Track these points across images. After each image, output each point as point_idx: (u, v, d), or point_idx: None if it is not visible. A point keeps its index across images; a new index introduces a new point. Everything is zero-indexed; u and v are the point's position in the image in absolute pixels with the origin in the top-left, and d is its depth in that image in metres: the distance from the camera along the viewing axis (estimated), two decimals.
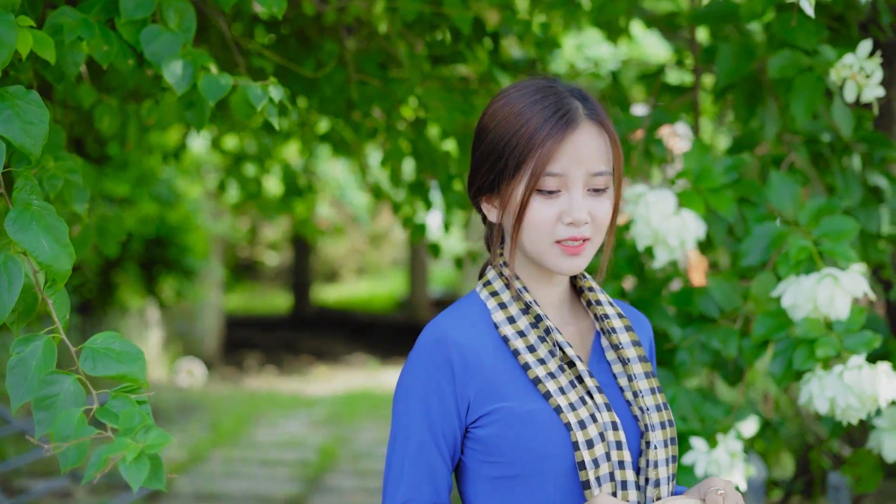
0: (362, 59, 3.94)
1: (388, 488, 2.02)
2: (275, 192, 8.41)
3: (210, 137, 6.74)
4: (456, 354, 1.98)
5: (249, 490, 8.41)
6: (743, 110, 3.46)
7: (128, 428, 1.58)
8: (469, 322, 2.03)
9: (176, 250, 11.72)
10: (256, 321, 21.79)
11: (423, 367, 1.99)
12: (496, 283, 2.08)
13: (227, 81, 2.36)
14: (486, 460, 1.99)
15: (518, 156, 1.98)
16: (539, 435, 1.95)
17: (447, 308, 2.09)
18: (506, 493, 1.99)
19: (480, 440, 1.99)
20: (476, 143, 2.07)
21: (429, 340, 2.00)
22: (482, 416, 1.98)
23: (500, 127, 2.01)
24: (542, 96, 2.01)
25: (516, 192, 1.99)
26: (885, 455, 3.25)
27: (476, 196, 2.09)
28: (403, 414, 2.01)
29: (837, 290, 2.77)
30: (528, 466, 1.96)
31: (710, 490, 1.96)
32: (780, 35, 3.19)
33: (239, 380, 14.59)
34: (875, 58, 3.10)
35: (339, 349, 17.76)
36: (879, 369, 2.71)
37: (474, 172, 2.08)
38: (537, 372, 1.99)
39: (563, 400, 1.97)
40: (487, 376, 1.99)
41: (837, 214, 3.02)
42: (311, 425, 11.29)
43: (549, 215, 1.98)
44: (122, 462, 1.52)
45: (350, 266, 28.75)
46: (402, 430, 2.01)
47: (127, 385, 1.71)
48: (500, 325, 2.03)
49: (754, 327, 2.92)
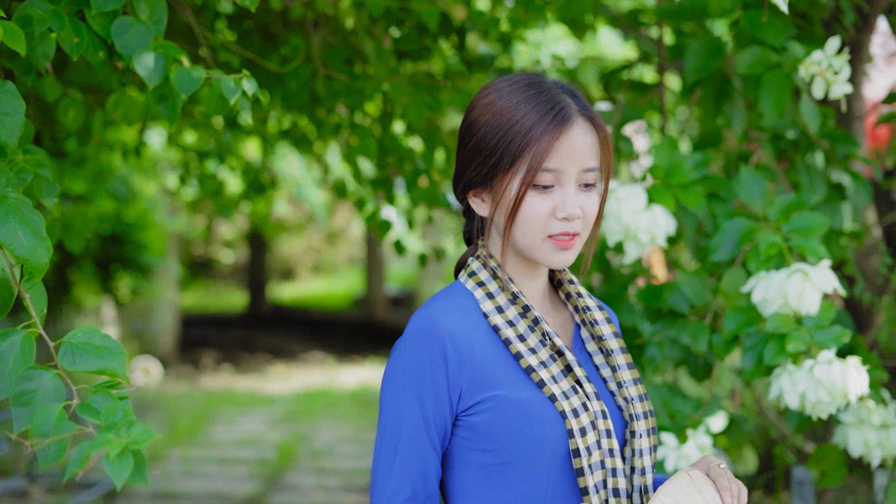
0: (328, 55, 3.91)
1: (379, 481, 2.00)
2: (234, 190, 8.36)
3: (167, 134, 6.69)
4: (449, 342, 1.97)
5: (208, 489, 8.35)
6: (710, 107, 3.47)
7: (110, 424, 1.55)
8: (459, 311, 2.02)
9: (132, 248, 11.60)
10: (212, 319, 21.67)
11: (416, 356, 1.98)
12: (482, 273, 2.07)
13: (200, 74, 2.33)
14: (478, 448, 1.99)
15: (514, 150, 1.98)
16: (534, 422, 1.97)
17: (433, 297, 2.08)
18: (496, 481, 1.99)
19: (473, 427, 1.99)
20: (466, 136, 2.06)
21: (421, 329, 1.99)
22: (476, 404, 1.98)
23: (495, 121, 2.00)
24: (535, 91, 2.02)
25: (511, 186, 1.99)
26: (851, 450, 3.27)
27: (465, 189, 2.08)
28: (395, 405, 1.99)
29: (807, 286, 2.78)
30: (522, 454, 1.97)
31: (712, 465, 2.03)
32: (749, 32, 3.20)
33: (195, 378, 14.49)
34: (843, 55, 3.12)
35: (295, 347, 17.68)
36: (849, 364, 2.73)
37: (464, 165, 2.07)
38: (530, 361, 2.00)
39: (557, 389, 1.98)
40: (480, 364, 1.98)
41: (806, 210, 3.04)
42: (270, 423, 11.24)
43: (543, 210, 2.00)
44: (106, 458, 1.50)
45: (306, 264, 28.65)
46: (393, 422, 1.99)
47: (107, 380, 1.68)
48: (490, 315, 2.03)
49: (724, 322, 2.93)
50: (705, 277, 3.13)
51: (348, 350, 17.23)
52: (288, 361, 16.19)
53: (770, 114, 3.12)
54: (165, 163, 11.58)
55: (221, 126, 5.62)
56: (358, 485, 8.49)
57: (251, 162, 6.78)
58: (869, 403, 3.22)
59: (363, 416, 11.61)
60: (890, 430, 3.27)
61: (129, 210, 11.28)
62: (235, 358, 16.45)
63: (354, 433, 10.71)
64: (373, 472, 2.02)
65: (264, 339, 18.74)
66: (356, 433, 10.71)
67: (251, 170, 6.62)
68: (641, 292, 3.25)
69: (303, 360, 16.38)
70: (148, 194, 11.73)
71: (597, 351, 2.15)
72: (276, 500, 8.08)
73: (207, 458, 9.44)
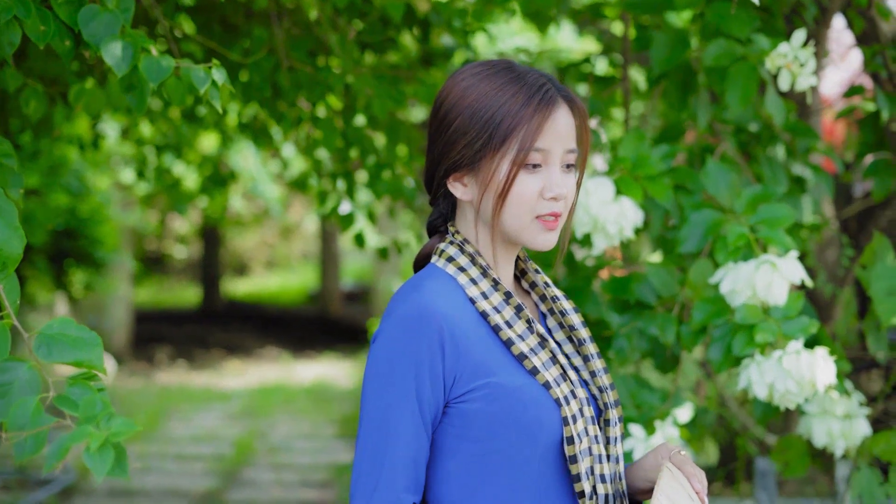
0: (292, 46, 3.88)
1: (379, 475, 1.90)
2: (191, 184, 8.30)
3: (122, 128, 6.62)
4: (445, 326, 1.92)
5: (165, 485, 8.30)
6: (676, 99, 3.49)
7: (89, 416, 1.53)
8: (446, 295, 1.97)
9: (86, 242, 11.49)
10: (166, 315, 21.50)
11: (412, 340, 1.92)
12: (460, 258, 2.03)
13: (169, 63, 2.30)
14: (467, 436, 1.95)
15: (504, 130, 1.96)
16: (529, 410, 1.94)
17: (415, 280, 2.02)
18: (483, 471, 1.95)
19: (465, 415, 1.94)
20: (445, 120, 2.02)
21: (415, 312, 1.93)
22: (469, 391, 1.94)
23: (480, 102, 1.98)
24: (517, 74, 2.01)
25: (501, 166, 1.97)
26: (815, 440, 3.30)
27: (445, 175, 2.04)
28: (387, 392, 1.92)
29: (775, 277, 2.80)
30: (514, 442, 1.94)
31: (673, 452, 2.05)
32: (715, 24, 3.21)
33: (150, 374, 14.39)
34: (808, 47, 3.14)
35: (250, 343, 17.59)
36: (817, 354, 2.74)
37: (445, 150, 2.02)
38: (521, 348, 1.97)
39: (549, 376, 1.97)
40: (474, 350, 1.95)
41: (773, 202, 3.05)
42: (226, 419, 11.18)
43: (532, 190, 1.99)
44: (87, 451, 1.47)
45: (260, 259, 28.53)
46: (386, 410, 1.91)
47: (84, 372, 1.65)
48: (477, 300, 1.99)
49: (693, 314, 2.94)
50: (672, 269, 3.14)
51: (303, 345, 17.17)
52: (243, 357, 16.11)
53: (736, 106, 3.13)
54: (119, 157, 11.48)
55: (178, 119, 5.57)
56: (316, 480, 8.47)
57: (208, 156, 6.72)
58: (833, 394, 3.25)
59: (320, 411, 11.58)
60: (853, 420, 3.30)
61: (83, 204, 11.18)
62: (190, 353, 16.34)
63: (311, 428, 10.68)
64: (363, 464, 1.92)
65: (219, 334, 18.62)
66: (313, 428, 10.68)
67: (209, 164, 6.57)
68: (608, 284, 3.25)
69: (258, 355, 16.30)
70: (101, 189, 11.62)
71: (565, 340, 2.14)
72: (234, 496, 8.04)
73: (164, 455, 9.37)
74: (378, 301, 16.07)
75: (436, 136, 2.05)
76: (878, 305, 3.22)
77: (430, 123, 2.08)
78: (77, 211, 11.13)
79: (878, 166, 4.09)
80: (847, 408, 3.28)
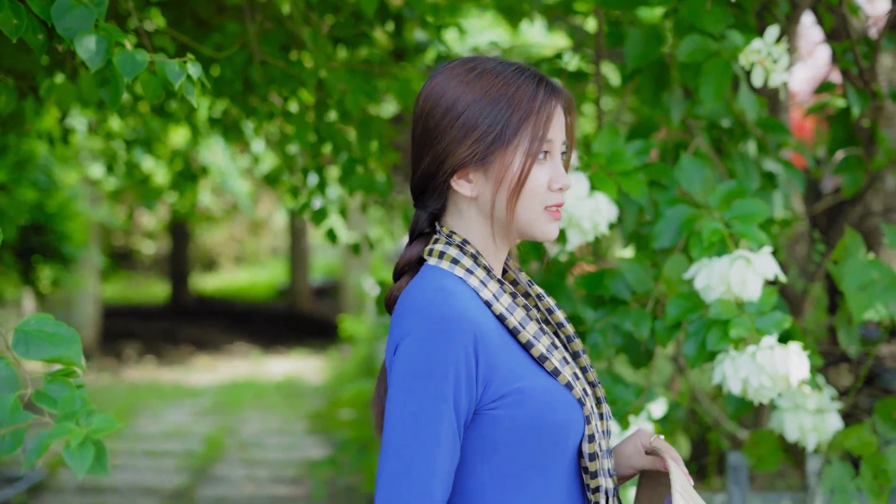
0: (265, 41, 3.87)
1: (416, 483, 1.83)
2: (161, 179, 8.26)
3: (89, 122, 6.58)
4: (477, 331, 1.87)
5: (136, 482, 8.26)
6: (649, 95, 3.50)
7: (68, 413, 1.51)
8: (468, 299, 1.93)
9: (54, 238, 11.40)
10: (134, 311, 21.39)
11: (449, 343, 1.85)
12: (464, 260, 1.98)
13: (144, 58, 2.28)
14: (498, 442, 1.90)
15: (515, 122, 1.94)
16: (558, 411, 1.93)
17: (430, 282, 1.95)
18: (514, 475, 1.93)
19: (494, 421, 1.90)
20: (447, 116, 1.97)
21: (449, 314, 1.87)
22: (501, 398, 1.90)
23: (487, 96, 1.95)
24: (515, 68, 2.00)
25: (515, 159, 1.95)
26: (787, 435, 3.32)
27: (452, 172, 1.98)
28: (423, 394, 1.85)
29: (749, 272, 2.81)
30: (546, 444, 1.93)
31: (653, 438, 2.12)
32: (688, 20, 3.22)
33: (118, 370, 14.31)
34: (782, 43, 3.16)
35: (219, 338, 17.53)
36: (790, 349, 2.76)
37: (453, 146, 1.96)
38: (540, 349, 1.95)
39: (567, 375, 1.97)
40: (501, 355, 1.91)
41: (747, 198, 3.06)
42: (196, 415, 11.14)
43: (542, 182, 1.98)
44: (66, 448, 1.46)
45: (229, 255, 28.42)
46: (422, 414, 1.84)
47: (63, 369, 1.64)
48: (492, 303, 1.95)
49: (667, 309, 2.94)
50: (647, 264, 3.14)
51: (273, 341, 17.12)
52: (212, 353, 16.05)
53: (710, 102, 3.14)
54: (87, 152, 11.41)
55: (148, 114, 5.54)
56: (287, 476, 8.46)
57: (179, 151, 6.68)
58: (805, 389, 3.27)
59: (290, 406, 11.55)
60: (825, 414, 3.32)
61: (51, 200, 11.10)
62: (159, 350, 16.27)
63: (282, 424, 10.66)
64: (398, 464, 1.84)
65: (188, 330, 18.54)
66: (284, 424, 10.66)
67: (179, 159, 6.53)
68: (583, 279, 3.25)
69: (227, 351, 16.25)
70: (69, 183, 11.55)
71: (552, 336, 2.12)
72: (205, 493, 8.01)
73: (134, 451, 9.33)
74: (347, 297, 16.03)
75: (435, 135, 1.98)
76: (850, 301, 3.25)
77: (424, 123, 2.01)
78: (45, 206, 11.05)
79: (849, 162, 4.12)
80: (819, 402, 3.31)
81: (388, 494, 1.83)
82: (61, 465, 8.63)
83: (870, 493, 3.41)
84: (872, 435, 3.42)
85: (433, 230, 2.06)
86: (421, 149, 2.01)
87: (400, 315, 1.93)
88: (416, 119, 2.03)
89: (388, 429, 1.87)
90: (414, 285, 1.96)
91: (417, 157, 2.03)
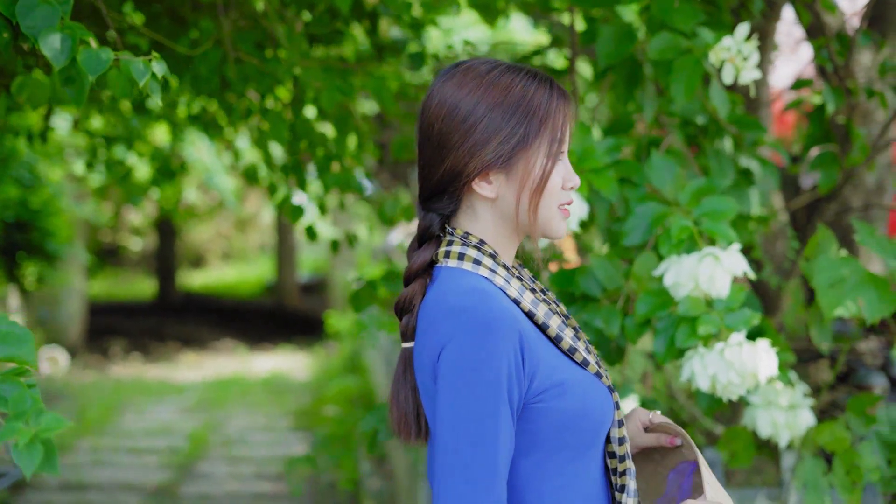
0: (239, 38, 3.86)
1: (484, 485, 1.86)
2: (143, 176, 8.24)
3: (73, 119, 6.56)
4: (520, 330, 1.93)
5: (118, 479, 8.26)
6: (622, 92, 3.50)
7: (19, 412, 1.51)
8: (502, 297, 1.97)
9: (38, 235, 11.40)
10: (121, 307, 21.35)
11: (498, 343, 1.89)
12: (486, 260, 2.01)
13: (108, 56, 2.28)
14: (543, 433, 1.97)
15: (538, 123, 2.00)
16: (596, 399, 2.02)
17: (461, 284, 1.98)
18: (557, 465, 2.00)
19: (539, 413, 1.96)
20: (468, 120, 2.00)
21: (494, 315, 1.90)
22: (546, 390, 1.96)
23: (507, 99, 2.00)
24: (525, 70, 2.05)
25: (538, 160, 2.02)
26: (760, 431, 3.33)
27: (477, 173, 2.01)
28: (480, 396, 1.88)
29: (718, 269, 2.81)
30: (587, 432, 2.01)
31: (652, 415, 2.24)
32: (659, 17, 3.23)
33: (104, 367, 14.30)
34: (752, 41, 3.16)
35: (206, 335, 17.52)
36: (759, 346, 2.76)
37: (476, 149, 1.99)
38: (569, 342, 2.02)
39: (595, 365, 2.05)
40: (540, 350, 1.97)
41: (717, 195, 3.07)
42: (181, 412, 11.14)
43: (558, 181, 2.06)
44: (15, 447, 1.46)
45: (216, 251, 28.38)
46: (482, 416, 1.87)
47: (16, 368, 1.64)
48: (521, 301, 2.00)
49: (637, 306, 2.95)
50: (617, 261, 3.15)
51: (260, 338, 17.12)
52: (198, 349, 16.05)
53: (681, 99, 3.15)
54: (72, 149, 11.40)
55: (129, 111, 5.53)
56: (271, 473, 8.46)
57: (160, 147, 6.67)
58: (777, 385, 3.28)
59: (275, 403, 11.55)
60: (797, 410, 3.34)
61: (35, 196, 11.08)
62: (145, 346, 16.25)
63: (267, 421, 10.66)
64: (463, 467, 1.86)
65: (174, 327, 18.54)
66: (269, 421, 10.66)
67: (160, 155, 6.52)
68: (555, 276, 3.26)
69: (214, 348, 16.24)
70: (54, 180, 11.53)
71: None
72: (188, 490, 8.01)
73: (117, 448, 9.33)
74: (334, 293, 16.03)
75: (456, 139, 2.01)
76: (820, 297, 3.26)
77: (441, 127, 2.03)
78: (28, 203, 11.04)
79: (824, 159, 4.13)
80: (791, 398, 3.32)
81: (450, 495, 1.86)
82: None
83: (842, 490, 3.42)
84: (846, 431, 3.43)
85: (443, 233, 2.09)
86: (438, 152, 2.03)
87: (436, 319, 1.95)
88: (430, 124, 2.05)
89: (444, 430, 1.89)
90: (443, 288, 1.99)
91: (433, 161, 2.05)
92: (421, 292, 2.03)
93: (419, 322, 2.00)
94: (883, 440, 3.46)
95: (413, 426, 2.08)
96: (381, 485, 7.69)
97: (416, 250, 2.09)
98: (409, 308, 2.05)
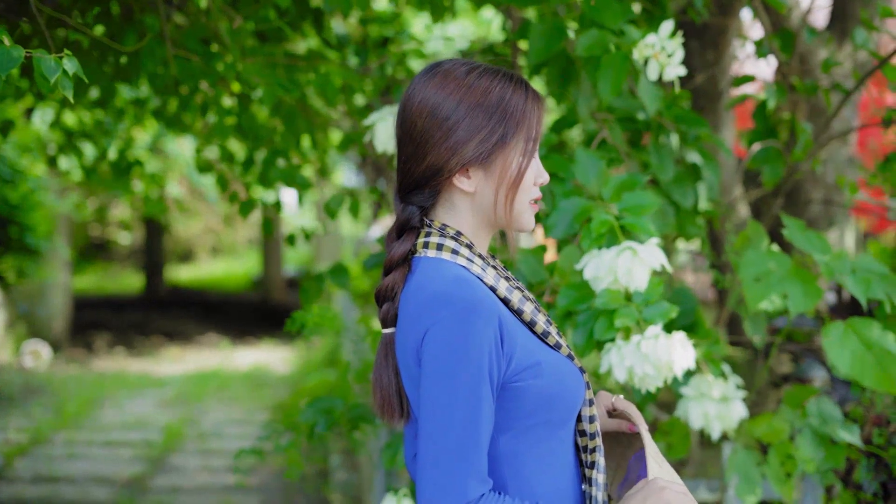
0: (184, 35, 3.89)
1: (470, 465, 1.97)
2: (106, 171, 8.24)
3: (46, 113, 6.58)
4: (498, 314, 2.03)
5: (91, 471, 8.29)
6: (556, 88, 3.54)
7: None
8: (481, 284, 2.08)
9: (17, 229, 11.41)
10: (107, 302, 21.38)
11: (479, 327, 1.99)
12: (462, 250, 2.12)
13: (20, 53, 2.32)
14: (519, 412, 2.07)
15: (516, 122, 2.10)
16: (569, 379, 2.13)
17: (443, 272, 2.07)
18: (531, 443, 2.10)
19: (517, 392, 2.06)
20: (450, 118, 2.10)
21: (475, 300, 2.01)
22: (524, 370, 2.06)
23: (491, 97, 2.10)
24: (501, 71, 2.16)
25: (514, 156, 2.12)
26: (692, 422, 3.37)
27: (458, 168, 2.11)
28: (464, 379, 1.98)
29: (636, 263, 2.85)
30: (561, 411, 2.12)
31: (615, 399, 2.38)
32: (588, 15, 3.26)
33: (87, 361, 14.33)
34: (676, 37, 3.20)
35: (191, 329, 17.55)
36: (675, 339, 2.79)
37: (458, 146, 2.10)
38: (542, 326, 2.14)
39: (566, 347, 2.17)
40: (516, 334, 2.07)
41: (639, 189, 3.11)
42: (159, 406, 11.17)
43: (531, 177, 2.17)
44: None
45: (204, 246, 28.40)
46: (466, 399, 1.97)
47: None
48: (497, 288, 2.10)
49: (558, 299, 2.99)
50: (541, 255, 3.19)
51: (244, 332, 17.16)
52: (182, 343, 16.07)
53: (607, 94, 3.18)
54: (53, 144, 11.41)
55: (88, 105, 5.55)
56: (243, 465, 8.48)
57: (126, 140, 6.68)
58: (708, 377, 3.32)
59: (254, 397, 11.58)
60: (729, 402, 3.37)
61: (14, 192, 11.10)
62: (129, 340, 16.29)
63: (244, 414, 10.69)
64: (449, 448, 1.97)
65: (160, 321, 18.57)
66: (245, 414, 10.69)
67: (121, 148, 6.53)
68: None
69: (197, 342, 16.27)
70: (35, 175, 11.55)
71: None
72: (160, 482, 8.05)
73: (93, 441, 9.36)
74: None
75: (438, 136, 2.10)
76: (746, 291, 3.30)
77: (424, 124, 2.12)
78: (7, 197, 11.05)
79: (768, 154, 4.17)
80: (723, 390, 3.36)
81: (438, 472, 1.97)
82: (17, 455, 8.67)
83: (775, 481, 3.47)
84: (783, 423, 3.47)
85: (421, 224, 2.19)
86: (420, 149, 2.13)
87: (419, 305, 2.04)
88: (412, 122, 2.14)
89: (431, 409, 1.99)
90: (425, 276, 2.09)
91: (415, 157, 2.14)
92: (402, 280, 2.13)
93: (401, 309, 2.10)
94: (814, 432, 3.50)
95: (396, 407, 2.16)
96: (347, 476, 7.73)
97: (396, 241, 2.19)
98: (390, 296, 2.14)
